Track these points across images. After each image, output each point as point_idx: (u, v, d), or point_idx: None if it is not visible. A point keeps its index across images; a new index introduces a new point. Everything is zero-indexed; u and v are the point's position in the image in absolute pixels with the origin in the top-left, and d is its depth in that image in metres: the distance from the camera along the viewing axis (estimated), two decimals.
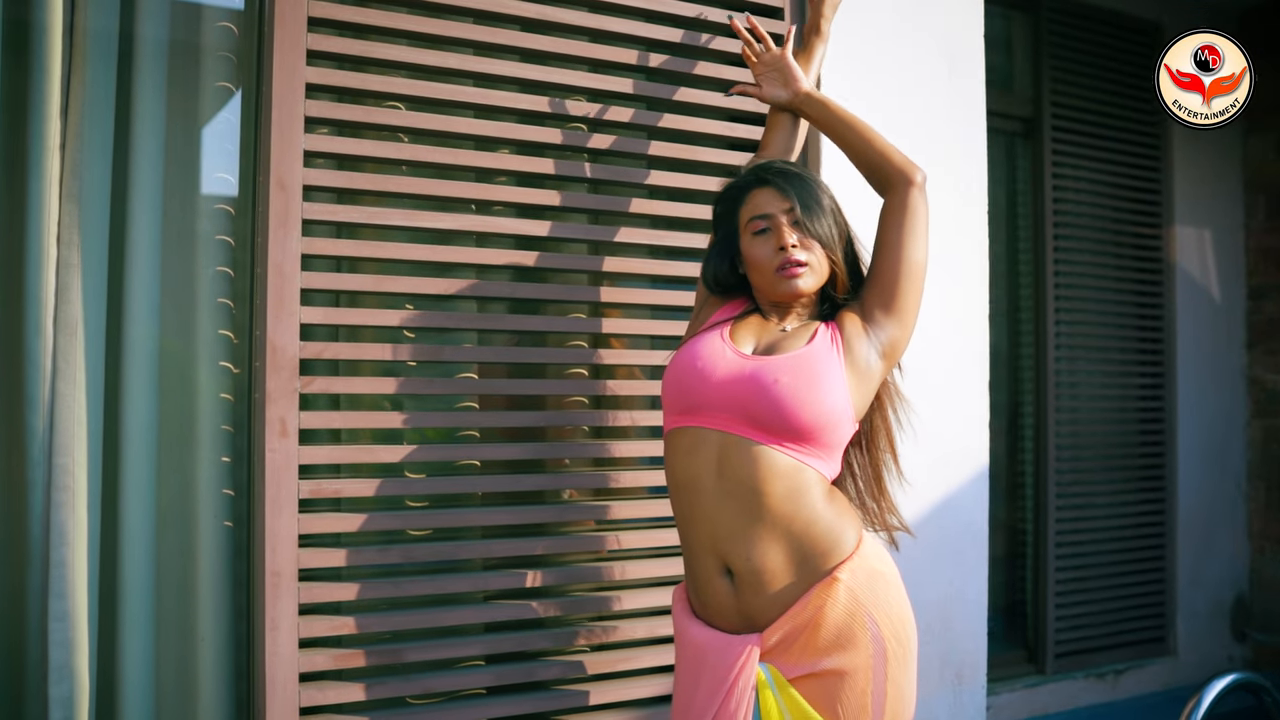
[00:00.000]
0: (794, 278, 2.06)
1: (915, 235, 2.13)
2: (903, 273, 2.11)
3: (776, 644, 1.96)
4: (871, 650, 1.93)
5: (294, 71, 2.30)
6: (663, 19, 2.72)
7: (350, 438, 2.48)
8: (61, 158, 2.31)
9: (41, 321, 2.27)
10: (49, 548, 2.25)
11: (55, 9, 2.27)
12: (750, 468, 1.96)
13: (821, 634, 1.93)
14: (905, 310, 2.12)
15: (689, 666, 2.07)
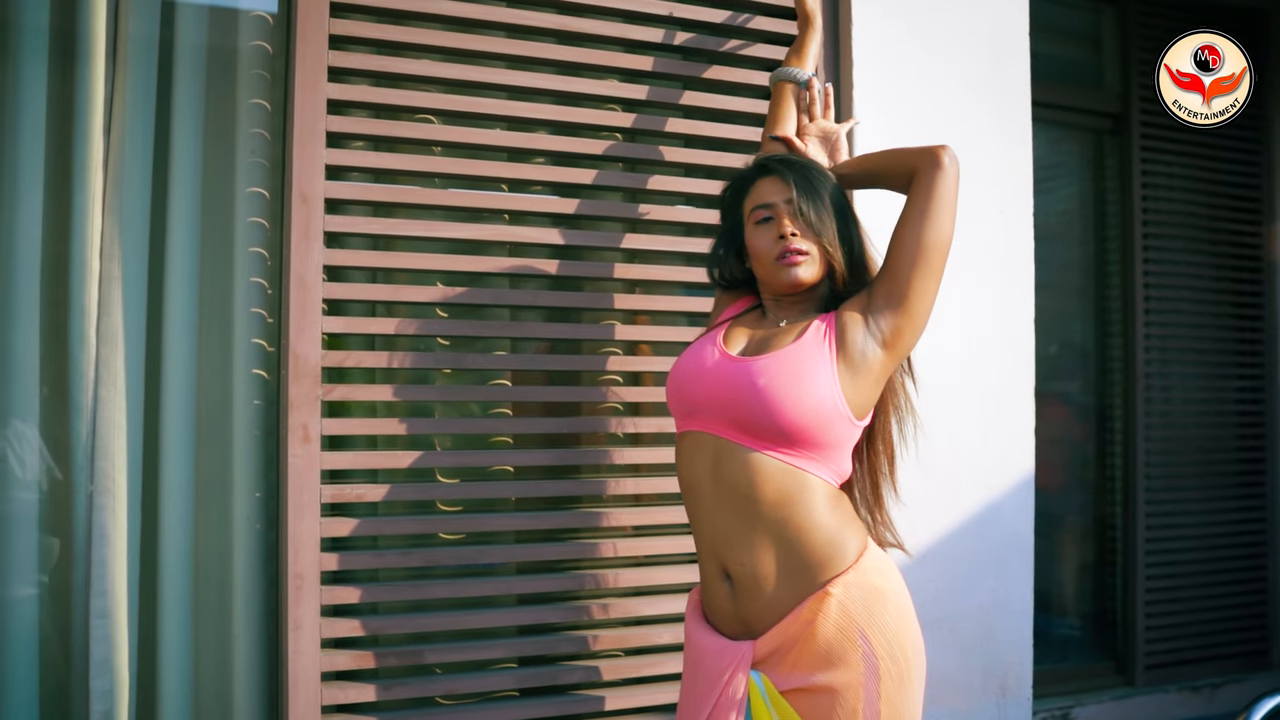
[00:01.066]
0: (794, 265, 1.99)
1: (938, 213, 1.97)
2: (920, 254, 1.96)
3: (770, 654, 1.91)
4: (863, 669, 1.85)
5: (315, 88, 2.36)
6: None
7: (371, 444, 2.53)
8: (104, 174, 2.40)
9: (85, 332, 2.37)
10: (91, 547, 2.35)
11: (99, 18, 2.38)
12: (740, 473, 1.92)
13: (813, 648, 1.87)
14: (915, 296, 1.96)
15: (688, 669, 2.06)
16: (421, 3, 2.47)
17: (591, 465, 2.69)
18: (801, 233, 2.00)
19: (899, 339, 1.96)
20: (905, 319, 1.96)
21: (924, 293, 1.97)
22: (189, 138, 2.47)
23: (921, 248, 1.96)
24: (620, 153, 2.66)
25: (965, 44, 2.86)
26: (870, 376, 1.95)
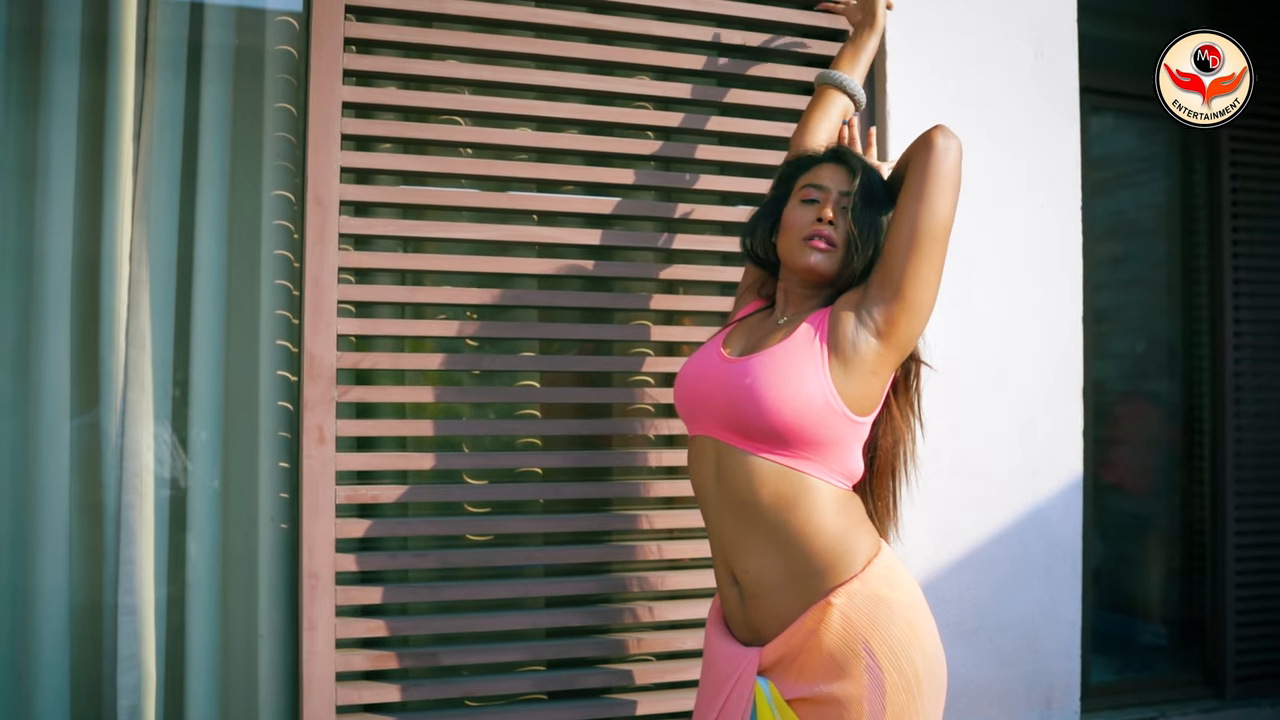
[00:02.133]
0: (818, 250, 1.91)
1: (932, 194, 1.83)
2: (915, 238, 1.82)
3: (777, 662, 1.85)
4: (866, 681, 1.77)
5: (330, 90, 2.36)
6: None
7: (400, 445, 2.53)
8: (134, 179, 2.44)
9: (115, 335, 2.41)
10: (120, 545, 2.39)
11: (129, 23, 2.43)
12: (738, 476, 1.85)
13: (818, 658, 1.80)
14: (910, 283, 1.82)
15: (703, 673, 2.03)
16: (436, 3, 2.45)
17: (623, 467, 2.65)
18: (840, 227, 1.92)
19: (894, 328, 1.84)
20: (900, 307, 1.83)
21: (920, 279, 1.83)
22: (216, 142, 2.50)
23: (916, 231, 1.82)
24: (653, 151, 2.61)
25: (1004, 30, 2.74)
26: (864, 369, 1.84)
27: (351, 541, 2.42)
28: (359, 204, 2.49)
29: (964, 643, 2.64)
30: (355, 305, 2.47)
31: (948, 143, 1.85)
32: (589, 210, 2.58)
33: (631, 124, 2.59)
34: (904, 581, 1.89)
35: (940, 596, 2.63)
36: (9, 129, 2.43)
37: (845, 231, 1.92)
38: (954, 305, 2.65)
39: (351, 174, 2.50)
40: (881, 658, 1.78)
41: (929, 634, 1.86)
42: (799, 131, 2.30)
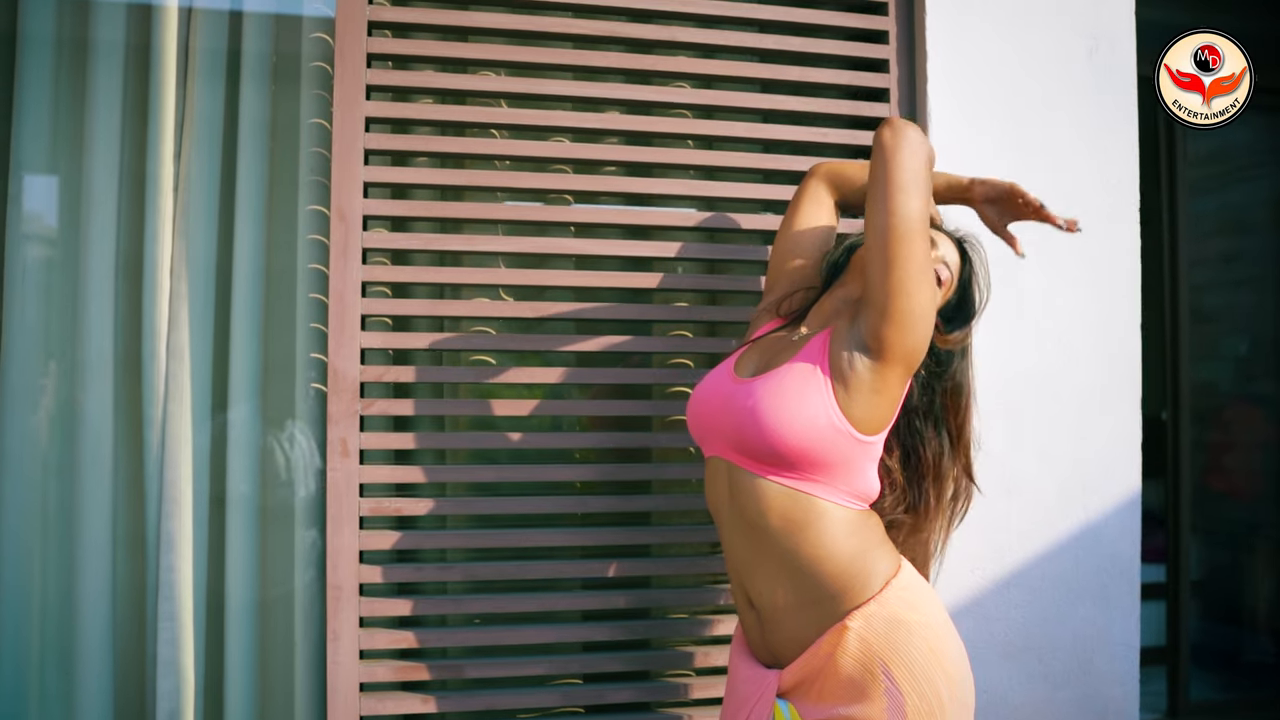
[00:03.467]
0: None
1: (891, 196, 1.72)
2: (886, 246, 1.71)
3: (796, 685, 1.79)
4: (886, 704, 1.70)
5: (354, 106, 2.36)
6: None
7: (440, 458, 2.54)
8: (175, 196, 2.50)
9: (156, 348, 2.47)
10: (160, 553, 2.45)
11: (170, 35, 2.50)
12: (748, 499, 1.80)
13: (837, 681, 1.74)
14: (894, 294, 1.71)
15: (725, 693, 1.99)
16: (461, 17, 2.44)
17: (663, 480, 2.62)
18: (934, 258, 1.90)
19: (885, 345, 1.73)
20: (886, 322, 1.72)
21: (902, 289, 1.71)
22: (254, 159, 2.54)
23: (886, 241, 1.71)
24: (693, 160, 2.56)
25: (1055, 25, 2.60)
26: (864, 388, 1.75)
27: (379, 553, 2.43)
28: (395, 219, 2.50)
29: (1012, 662, 2.53)
30: (391, 319, 2.49)
31: (895, 139, 1.75)
32: (627, 221, 2.53)
33: (671, 133, 2.54)
34: (925, 602, 1.81)
35: (987, 615, 2.52)
36: (58, 143, 2.50)
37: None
38: (1002, 316, 2.54)
39: (385, 189, 2.51)
40: (901, 680, 1.71)
41: (952, 656, 1.78)
42: (825, 179, 2.19)
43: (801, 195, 2.17)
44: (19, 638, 2.44)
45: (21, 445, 2.44)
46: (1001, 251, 2.52)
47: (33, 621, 2.45)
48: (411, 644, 2.35)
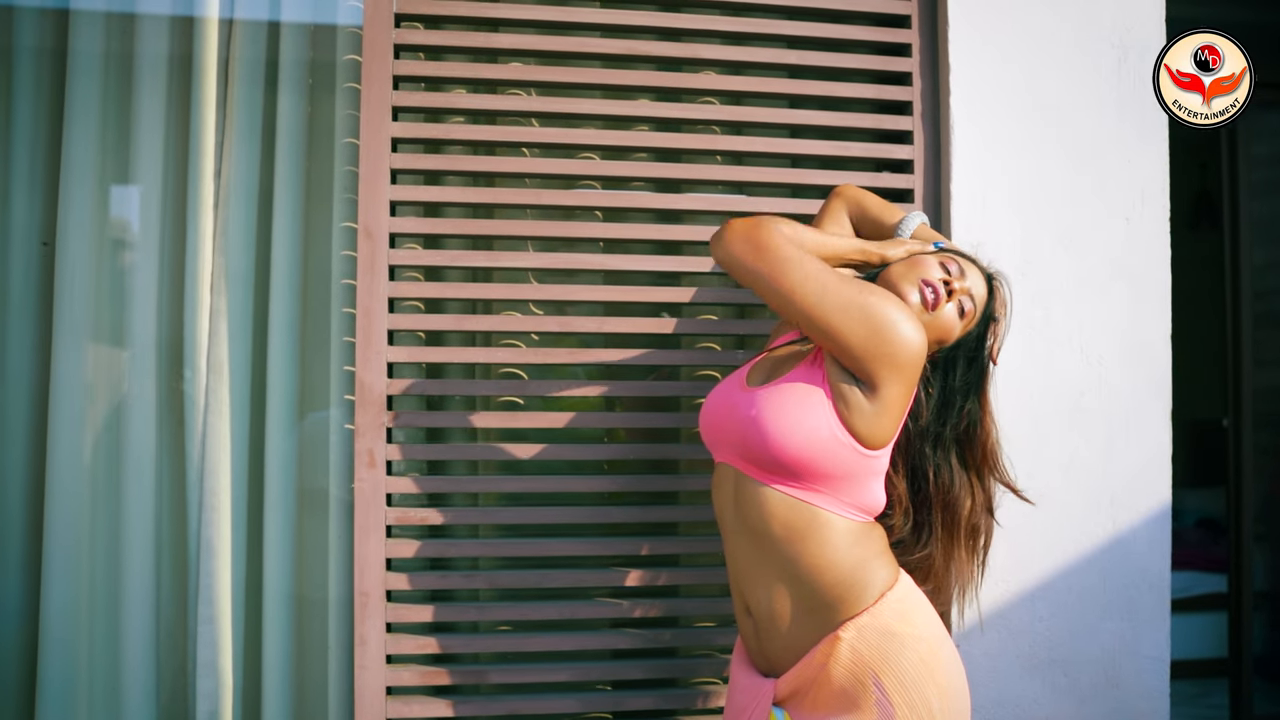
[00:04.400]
0: (921, 297, 1.85)
1: (763, 281, 1.75)
2: (807, 324, 1.75)
3: (791, 694, 1.82)
4: (877, 715, 1.72)
5: (380, 127, 2.43)
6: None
7: (472, 469, 2.60)
8: (214, 215, 2.59)
9: (197, 362, 2.56)
10: (200, 559, 2.54)
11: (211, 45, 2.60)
12: (751, 506, 1.82)
13: (830, 691, 1.76)
14: (846, 353, 1.74)
15: (726, 700, 2.02)
16: (487, 39, 2.50)
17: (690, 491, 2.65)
18: (952, 306, 1.88)
19: (876, 379, 1.75)
20: (867, 363, 1.74)
21: (861, 334, 1.73)
22: (290, 177, 2.62)
23: (808, 321, 1.75)
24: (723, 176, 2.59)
25: (1082, 31, 2.58)
26: (864, 408, 1.75)
27: (405, 561, 2.49)
28: (430, 236, 2.57)
29: (1036, 676, 2.51)
30: (425, 334, 2.55)
31: (718, 245, 1.79)
32: (657, 237, 2.57)
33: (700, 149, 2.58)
34: (918, 615, 1.82)
35: (1012, 627, 2.51)
36: (106, 159, 2.61)
37: (943, 316, 1.87)
38: (1029, 326, 2.52)
39: (419, 207, 2.58)
40: (892, 692, 1.73)
41: (946, 669, 1.79)
42: (843, 205, 2.20)
43: (823, 215, 2.19)
44: (68, 640, 2.54)
45: (69, 457, 2.54)
46: (1029, 259, 2.53)
47: (80, 625, 2.55)
48: (437, 649, 2.41)
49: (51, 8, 2.63)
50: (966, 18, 2.55)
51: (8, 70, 2.62)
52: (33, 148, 2.61)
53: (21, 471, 2.58)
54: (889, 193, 2.58)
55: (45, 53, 2.63)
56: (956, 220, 2.52)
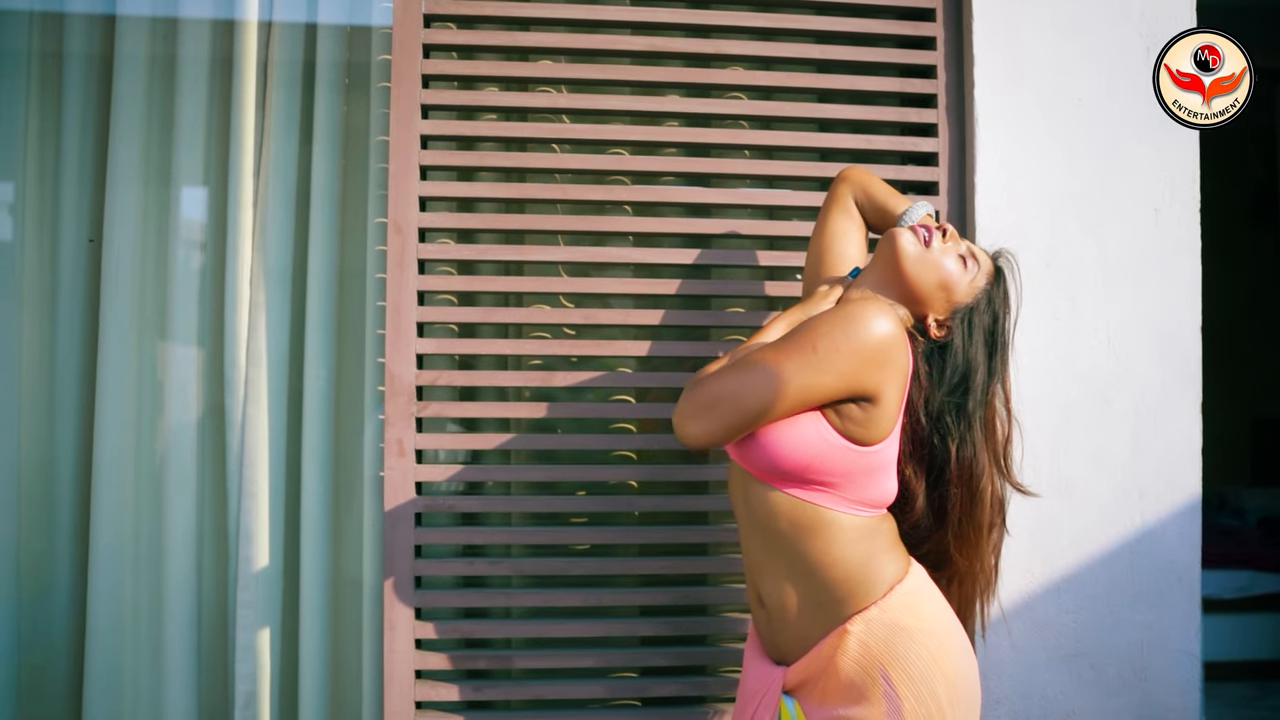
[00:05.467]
0: (913, 234, 1.85)
1: (746, 413, 1.72)
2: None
3: (801, 683, 1.83)
4: (885, 707, 1.73)
5: (409, 125, 2.49)
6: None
7: (505, 458, 2.65)
8: (254, 213, 2.67)
9: (236, 355, 2.65)
10: (239, 546, 2.62)
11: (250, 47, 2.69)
12: (759, 505, 1.83)
13: (838, 682, 1.77)
14: (847, 395, 1.74)
15: (738, 688, 2.04)
16: (513, 38, 2.55)
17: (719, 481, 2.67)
18: (950, 248, 1.86)
19: (871, 397, 1.75)
20: (858, 395, 1.75)
21: (817, 384, 1.71)
22: (326, 175, 2.70)
23: (799, 409, 1.74)
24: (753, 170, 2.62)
25: (1110, 24, 2.57)
26: (855, 417, 1.75)
27: (434, 548, 2.55)
28: (463, 231, 2.63)
29: (1063, 668, 2.50)
30: (458, 326, 2.61)
31: (686, 438, 1.74)
32: (687, 231, 2.60)
33: (729, 144, 2.61)
34: (928, 609, 1.81)
35: (1036, 620, 2.50)
36: (150, 159, 2.71)
37: (941, 255, 1.86)
38: (1054, 318, 2.52)
39: (451, 203, 2.64)
40: (899, 684, 1.73)
41: (955, 662, 1.78)
42: (850, 188, 2.19)
43: (830, 203, 2.20)
44: (115, 624, 2.64)
45: (115, 444, 2.64)
46: (1055, 251, 2.52)
47: (125, 608, 2.65)
48: (464, 635, 2.47)
49: (99, 14, 2.73)
50: (991, 10, 2.55)
51: (58, 74, 2.73)
52: (80, 148, 2.72)
53: (70, 458, 2.69)
54: (914, 185, 2.60)
55: (93, 58, 2.73)
56: (981, 212, 2.52)
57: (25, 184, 2.71)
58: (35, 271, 2.70)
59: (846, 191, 2.18)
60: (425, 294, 2.53)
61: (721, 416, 1.69)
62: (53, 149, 2.72)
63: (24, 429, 2.68)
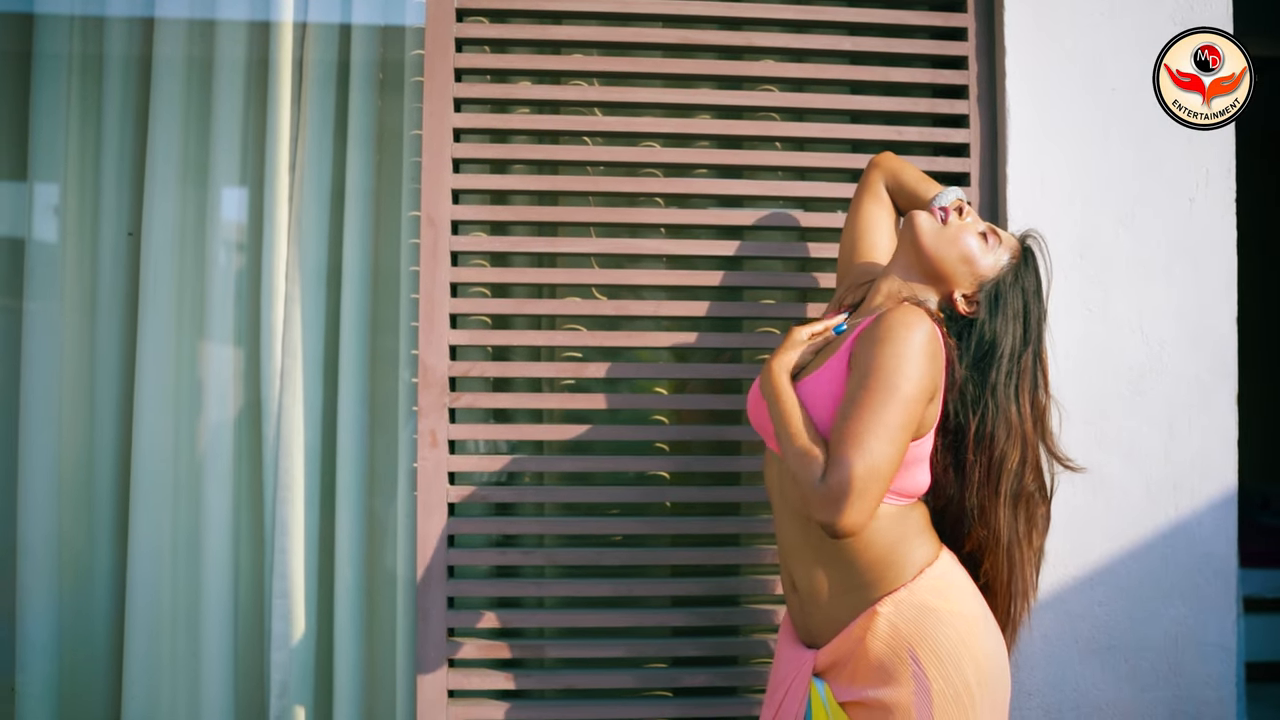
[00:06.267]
0: (929, 214, 1.89)
1: (877, 478, 1.67)
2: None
3: (831, 665, 1.85)
4: (913, 688, 1.75)
5: (442, 119, 2.52)
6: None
7: (537, 449, 2.69)
8: (289, 207, 2.71)
9: (273, 349, 2.68)
10: (275, 535, 2.66)
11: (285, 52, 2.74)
12: (794, 490, 1.87)
13: (867, 663, 1.79)
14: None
15: (771, 671, 2.07)
16: (543, 31, 2.57)
17: (751, 473, 2.69)
18: (969, 225, 1.89)
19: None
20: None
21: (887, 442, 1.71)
22: (361, 168, 2.73)
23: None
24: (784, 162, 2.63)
25: (1144, 14, 2.55)
26: None
27: (467, 538, 2.58)
28: (496, 223, 2.65)
29: (1095, 660, 2.50)
30: (491, 318, 2.64)
31: (843, 530, 1.66)
32: (718, 222, 2.62)
33: (760, 136, 2.62)
34: (956, 592, 1.83)
35: (1069, 612, 2.50)
36: (188, 158, 2.75)
37: (960, 232, 1.89)
38: (1087, 309, 2.52)
39: (485, 195, 2.67)
40: (928, 665, 1.75)
41: (983, 645, 1.80)
42: (881, 174, 2.23)
43: (862, 191, 2.22)
44: (153, 612, 2.68)
45: (154, 434, 2.68)
46: (1088, 242, 2.52)
47: (164, 600, 2.69)
48: (497, 624, 2.49)
49: (139, 16, 2.78)
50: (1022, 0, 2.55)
51: (98, 76, 2.78)
52: (120, 149, 2.77)
53: (110, 454, 2.74)
54: (946, 177, 2.59)
55: (132, 60, 2.78)
56: (1013, 203, 2.52)
57: (66, 185, 2.76)
58: (75, 271, 2.76)
59: (878, 178, 2.21)
60: (458, 286, 2.55)
61: (875, 495, 1.65)
62: (93, 150, 2.78)
63: (64, 425, 2.73)
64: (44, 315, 2.72)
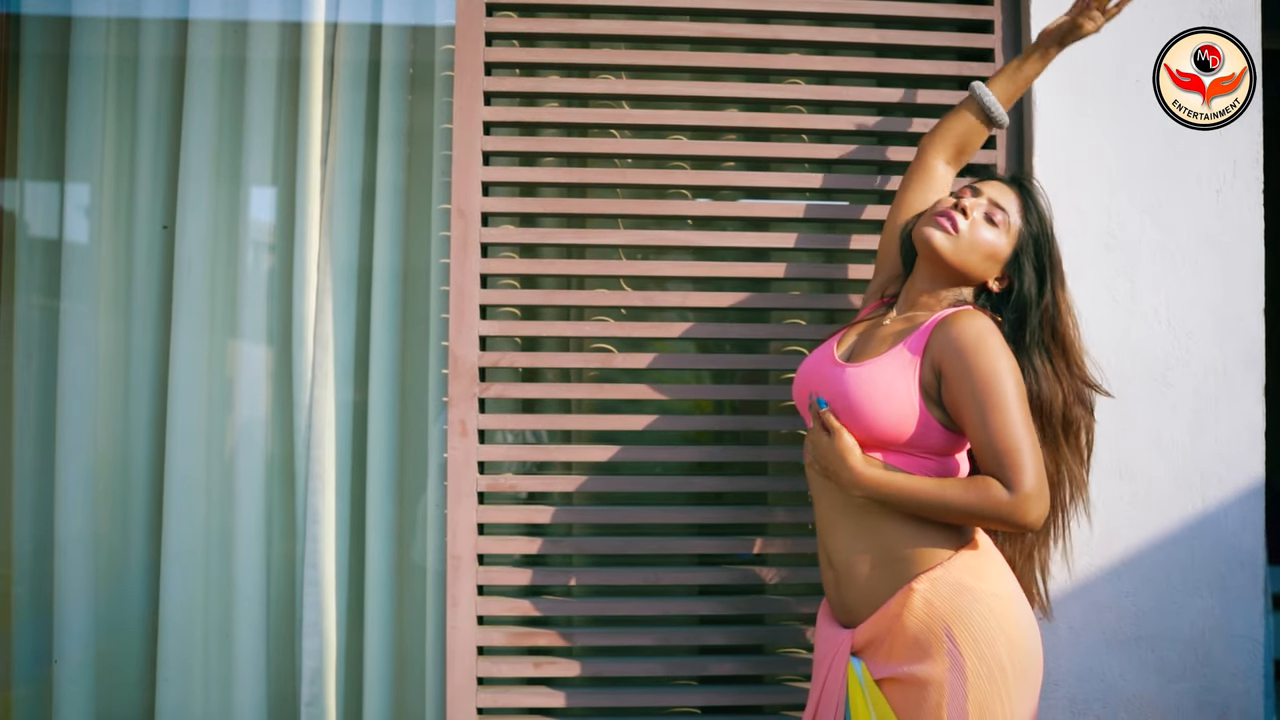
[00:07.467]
0: (939, 226, 1.95)
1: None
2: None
3: (868, 643, 1.88)
4: (948, 664, 1.78)
5: (472, 112, 2.56)
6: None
7: (565, 438, 2.73)
8: (321, 200, 2.76)
9: (304, 338, 2.73)
10: (306, 524, 2.71)
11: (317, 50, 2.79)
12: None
13: (904, 640, 1.83)
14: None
15: (814, 653, 2.10)
16: (572, 25, 2.60)
17: (777, 463, 2.72)
18: (979, 217, 1.96)
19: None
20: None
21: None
22: (392, 162, 2.79)
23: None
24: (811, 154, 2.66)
25: (1171, 3, 2.56)
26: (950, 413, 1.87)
27: (497, 526, 2.62)
28: (525, 215, 2.69)
29: (1122, 651, 2.51)
30: (520, 309, 2.67)
31: (1036, 523, 1.82)
32: (745, 214, 2.65)
33: (787, 128, 2.64)
34: (992, 573, 1.87)
35: (1096, 603, 2.51)
36: (221, 156, 2.80)
37: (985, 222, 1.95)
38: (1114, 299, 2.53)
39: (514, 188, 2.71)
40: (962, 643, 1.78)
41: (1018, 625, 1.84)
42: (930, 139, 2.29)
43: (909, 177, 2.29)
44: (187, 601, 2.73)
45: (187, 425, 2.73)
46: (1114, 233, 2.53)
47: (198, 587, 2.74)
48: (526, 612, 2.52)
49: (173, 18, 2.84)
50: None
51: (134, 75, 2.83)
52: (154, 149, 2.82)
53: (144, 451, 2.80)
54: (971, 168, 2.61)
55: (167, 60, 2.83)
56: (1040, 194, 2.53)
57: (102, 185, 2.81)
58: (110, 270, 2.81)
59: (921, 157, 2.29)
60: (488, 277, 2.59)
61: (1048, 491, 1.83)
62: (128, 150, 2.83)
63: (100, 421, 2.78)
64: (79, 314, 2.77)
